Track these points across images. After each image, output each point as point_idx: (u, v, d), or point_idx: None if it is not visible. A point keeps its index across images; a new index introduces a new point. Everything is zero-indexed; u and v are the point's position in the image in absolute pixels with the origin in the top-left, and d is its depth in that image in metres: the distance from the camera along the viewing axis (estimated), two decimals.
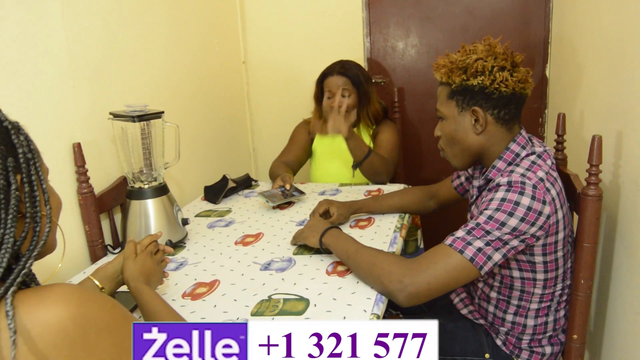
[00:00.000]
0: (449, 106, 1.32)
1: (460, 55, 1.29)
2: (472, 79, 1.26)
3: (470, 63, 1.26)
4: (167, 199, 1.58)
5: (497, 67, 1.25)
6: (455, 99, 1.31)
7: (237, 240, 1.63)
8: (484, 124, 1.29)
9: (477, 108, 1.28)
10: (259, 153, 2.97)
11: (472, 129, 1.31)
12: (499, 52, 1.27)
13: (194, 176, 2.26)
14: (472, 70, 1.26)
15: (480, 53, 1.27)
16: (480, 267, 1.16)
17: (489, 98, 1.27)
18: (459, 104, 1.30)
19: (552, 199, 1.20)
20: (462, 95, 1.29)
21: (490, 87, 1.25)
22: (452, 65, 1.29)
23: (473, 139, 1.32)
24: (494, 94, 1.26)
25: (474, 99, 1.28)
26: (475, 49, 1.29)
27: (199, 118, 2.34)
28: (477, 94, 1.27)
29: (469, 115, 1.30)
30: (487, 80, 1.25)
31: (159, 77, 1.98)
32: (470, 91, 1.28)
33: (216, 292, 1.28)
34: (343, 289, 1.25)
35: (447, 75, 1.30)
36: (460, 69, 1.28)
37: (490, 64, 1.25)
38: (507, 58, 1.26)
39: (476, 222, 1.19)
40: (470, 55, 1.28)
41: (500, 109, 1.28)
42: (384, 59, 2.68)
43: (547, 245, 1.25)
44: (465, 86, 1.28)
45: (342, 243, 1.37)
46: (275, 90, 2.85)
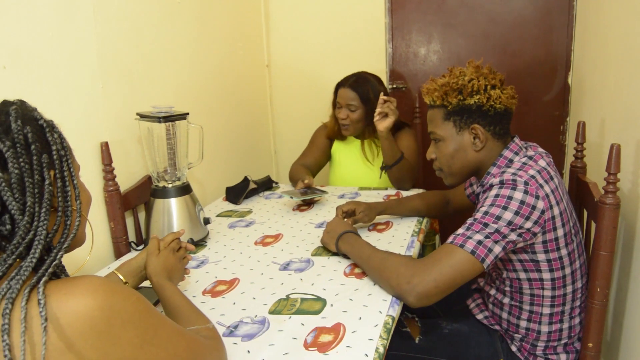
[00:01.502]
0: (446, 127, 1.37)
1: (452, 78, 1.35)
2: (468, 99, 1.32)
3: (465, 84, 1.32)
4: (189, 198, 1.62)
5: (489, 86, 1.32)
6: (453, 120, 1.36)
7: (257, 240, 1.66)
8: (484, 140, 1.34)
9: (476, 125, 1.33)
10: (280, 155, 3.01)
11: (472, 147, 1.36)
12: (486, 73, 1.34)
13: (216, 177, 2.30)
14: (467, 90, 1.32)
15: (470, 74, 1.33)
16: (482, 259, 1.18)
17: (485, 115, 1.33)
18: (456, 124, 1.36)
19: (545, 195, 1.23)
20: (460, 115, 1.35)
21: (487, 105, 1.31)
22: (447, 87, 1.34)
23: (472, 156, 1.37)
24: (490, 111, 1.32)
25: (472, 117, 1.34)
26: (465, 71, 1.35)
27: (223, 120, 2.39)
28: (475, 113, 1.33)
29: (468, 133, 1.35)
30: (483, 98, 1.31)
31: (185, 80, 2.03)
32: (468, 110, 1.33)
33: (235, 290, 1.31)
34: (360, 291, 1.27)
35: (441, 98, 1.36)
36: (455, 90, 1.33)
37: (483, 83, 1.32)
38: (495, 77, 1.33)
39: (474, 218, 1.24)
40: (461, 76, 1.34)
41: (496, 125, 1.34)
42: (406, 64, 2.70)
43: (548, 242, 1.27)
44: (462, 106, 1.33)
45: (357, 248, 1.39)
46: (297, 94, 2.89)
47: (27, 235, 0.71)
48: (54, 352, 0.65)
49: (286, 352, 1.03)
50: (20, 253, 0.70)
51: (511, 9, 2.52)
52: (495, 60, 2.53)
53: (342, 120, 2.17)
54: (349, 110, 2.15)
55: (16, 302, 0.66)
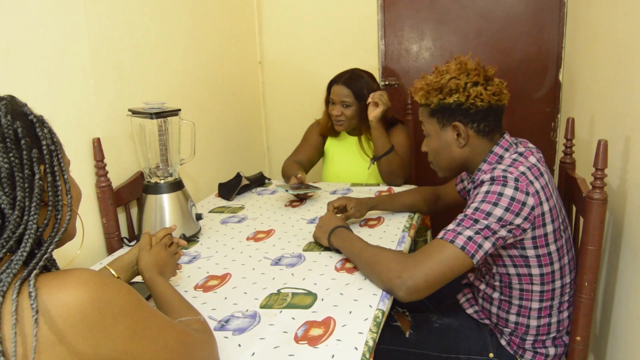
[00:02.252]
0: (431, 124, 1.40)
1: (435, 77, 1.37)
2: (448, 98, 1.34)
3: (445, 83, 1.34)
4: (182, 194, 1.62)
5: (470, 83, 1.33)
6: (436, 117, 1.38)
7: (249, 236, 1.67)
8: (466, 138, 1.36)
9: (457, 123, 1.35)
10: (273, 152, 3.01)
11: (456, 143, 1.38)
12: (470, 69, 1.35)
13: (209, 173, 2.31)
14: (446, 89, 1.34)
15: (453, 72, 1.35)
16: (472, 255, 1.20)
17: (467, 113, 1.34)
18: (439, 122, 1.38)
19: (535, 191, 1.24)
20: (441, 113, 1.37)
21: (467, 103, 1.33)
22: (429, 87, 1.37)
23: (457, 152, 1.39)
24: (471, 109, 1.33)
25: (453, 115, 1.35)
26: (449, 69, 1.37)
27: (215, 116, 2.39)
28: (455, 111, 1.35)
29: (451, 130, 1.37)
30: (462, 96, 1.32)
31: (177, 76, 2.04)
32: (448, 109, 1.35)
33: (227, 285, 1.32)
34: (350, 285, 1.28)
35: (425, 97, 1.38)
36: (436, 90, 1.35)
37: (464, 81, 1.33)
38: (480, 73, 1.34)
39: (464, 214, 1.25)
40: (444, 75, 1.35)
41: (480, 122, 1.35)
42: (398, 61, 2.71)
43: (537, 238, 1.28)
44: (443, 105, 1.35)
45: (349, 243, 1.41)
46: (290, 91, 2.90)
47: (17, 229, 0.71)
48: (45, 343, 0.65)
49: (277, 346, 1.04)
50: (10, 247, 0.71)
51: (503, 7, 2.54)
52: (486, 57, 2.55)
53: (337, 117, 2.18)
54: (343, 107, 2.16)
55: (7, 295, 0.66)
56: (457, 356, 1.42)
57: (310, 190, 1.98)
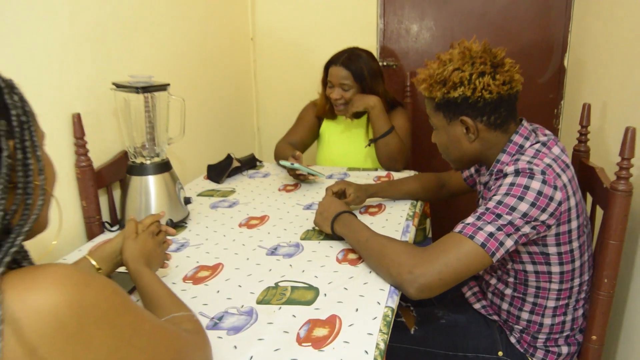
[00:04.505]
0: (438, 117, 1.29)
1: (437, 67, 1.24)
2: (452, 92, 1.21)
3: (447, 75, 1.21)
4: (169, 176, 1.50)
5: (475, 74, 1.19)
6: (442, 112, 1.27)
7: (242, 222, 1.55)
8: (475, 132, 1.25)
9: (465, 118, 1.23)
10: (264, 133, 2.89)
11: (465, 138, 1.27)
12: (475, 56, 1.21)
13: (197, 154, 2.18)
14: (450, 83, 1.21)
15: (456, 62, 1.22)
16: (492, 253, 1.10)
17: (474, 107, 1.22)
18: (446, 116, 1.26)
19: (563, 185, 1.15)
20: (447, 107, 1.25)
21: (473, 97, 1.20)
22: (431, 80, 1.24)
23: (468, 147, 1.28)
24: (479, 102, 1.21)
25: (459, 109, 1.24)
26: (452, 57, 1.23)
27: (204, 94, 2.26)
28: (462, 105, 1.23)
29: (459, 125, 1.26)
30: (468, 90, 1.20)
31: (165, 49, 1.90)
32: (454, 103, 1.23)
33: (219, 277, 1.21)
34: (355, 279, 1.18)
35: (428, 90, 1.26)
36: (439, 83, 1.23)
37: (468, 72, 1.20)
38: (486, 60, 1.20)
39: (486, 207, 1.15)
40: (446, 66, 1.23)
41: (490, 115, 1.23)
42: (397, 41, 2.59)
43: (561, 234, 1.19)
44: (447, 99, 1.23)
45: (353, 231, 1.30)
46: (283, 69, 2.76)
47: None
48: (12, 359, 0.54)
49: (277, 348, 0.93)
50: None
51: None
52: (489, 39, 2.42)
53: (336, 101, 2.06)
54: (343, 89, 2.04)
55: None
56: (465, 354, 1.34)
57: (317, 173, 1.87)
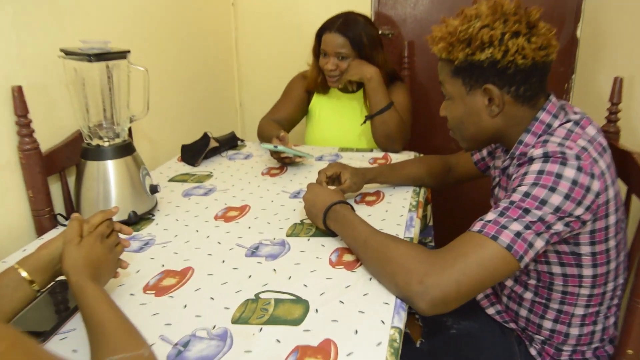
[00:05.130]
0: (454, 85, 1.06)
1: (461, 23, 1.01)
2: (478, 53, 0.99)
3: (474, 33, 0.99)
4: (132, 160, 1.27)
5: (508, 34, 0.97)
6: (462, 77, 1.04)
7: (218, 214, 1.34)
8: (500, 105, 1.03)
9: (490, 86, 1.02)
10: (247, 109, 2.66)
11: (486, 111, 1.05)
12: (509, 12, 0.99)
13: (170, 132, 1.95)
14: (477, 42, 0.99)
15: (485, 18, 0.99)
16: (520, 257, 0.90)
17: (502, 74, 1.00)
18: (466, 83, 1.04)
19: (601, 173, 0.95)
20: (469, 72, 1.03)
21: (503, 61, 0.99)
22: (452, 38, 1.01)
23: (488, 123, 1.07)
24: (509, 69, 0.99)
25: (484, 76, 1.02)
26: (479, 12, 1.01)
27: (177, 64, 2.01)
28: (488, 71, 1.01)
29: (480, 94, 1.04)
30: (498, 52, 0.98)
31: (128, 9, 1.64)
32: (479, 67, 1.01)
33: (188, 286, 1.00)
34: (352, 288, 0.98)
35: (446, 50, 1.03)
36: (462, 42, 1.00)
37: (500, 30, 0.98)
38: (521, 18, 0.99)
39: (510, 200, 0.94)
40: (472, 22, 1.00)
41: (519, 86, 1.02)
42: (394, 7, 2.34)
43: (596, 231, 1.00)
44: (471, 62, 1.01)
45: (349, 227, 1.09)
46: (269, 37, 2.52)
47: None
48: None
49: None
50: None
51: None
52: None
53: (331, 72, 1.83)
54: (338, 59, 1.81)
55: None
56: None
57: (303, 154, 1.65)
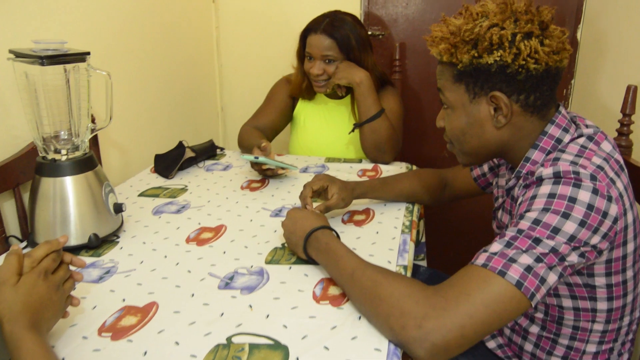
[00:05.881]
0: (456, 92, 0.95)
1: (465, 22, 0.90)
2: (486, 56, 0.88)
3: (482, 33, 0.88)
4: (93, 176, 1.14)
5: (520, 35, 0.87)
6: (465, 83, 0.93)
7: (190, 235, 1.20)
8: (508, 115, 0.92)
9: (497, 94, 0.91)
10: (229, 114, 2.53)
11: (492, 121, 0.94)
12: (519, 11, 0.89)
13: (143, 141, 1.81)
14: (485, 43, 0.88)
15: (493, 16, 0.89)
16: (531, 295, 0.79)
17: (512, 80, 0.89)
18: (469, 89, 0.93)
19: (619, 195, 0.85)
20: (474, 77, 0.91)
21: (514, 65, 0.88)
22: (455, 39, 0.90)
23: (492, 135, 0.95)
24: (520, 74, 0.89)
25: (491, 81, 0.90)
26: (486, 11, 0.90)
27: (151, 66, 1.87)
28: (495, 76, 0.90)
29: (485, 102, 0.93)
30: (508, 55, 0.87)
31: (89, 5, 1.49)
32: (485, 72, 0.90)
33: (150, 327, 0.86)
34: (339, 330, 0.85)
35: (448, 53, 0.92)
36: (467, 43, 0.89)
37: (510, 31, 0.87)
38: (533, 18, 0.88)
39: (517, 229, 0.83)
40: (479, 20, 0.89)
41: (529, 94, 0.91)
42: (384, 6, 2.22)
43: (613, 261, 0.90)
44: (477, 66, 0.90)
45: (334, 259, 0.96)
46: (253, 37, 2.39)
47: None
48: None
49: None
50: None
51: None
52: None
53: (317, 77, 1.71)
54: (325, 62, 1.68)
55: None
56: None
57: (287, 165, 1.52)
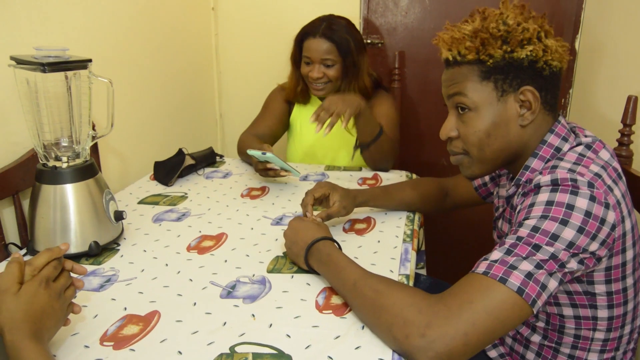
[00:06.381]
0: (482, 90, 0.93)
1: (489, 21, 0.91)
2: (519, 50, 0.89)
3: (513, 29, 0.89)
4: (94, 184, 1.13)
5: (544, 33, 0.90)
6: (494, 80, 0.92)
7: (191, 244, 1.20)
8: (535, 111, 0.92)
9: (529, 88, 0.91)
10: (227, 121, 2.52)
11: (517, 120, 0.93)
12: (535, 15, 0.92)
13: (143, 147, 1.80)
14: (517, 37, 0.89)
15: (514, 16, 0.91)
16: (532, 301, 0.79)
17: (539, 76, 0.91)
18: (498, 87, 0.92)
19: (616, 202, 0.86)
20: (505, 73, 0.91)
21: (542, 60, 0.89)
22: (485, 35, 0.90)
23: (516, 135, 0.95)
24: (544, 70, 0.91)
25: (521, 77, 0.91)
26: (504, 12, 0.92)
27: (151, 72, 1.87)
28: (526, 71, 0.90)
29: (512, 100, 0.92)
30: (539, 49, 0.89)
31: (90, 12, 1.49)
32: (517, 67, 0.90)
33: (153, 336, 0.86)
34: (342, 340, 0.84)
35: (475, 50, 0.91)
36: (497, 38, 0.90)
37: (536, 28, 0.89)
38: (544, 23, 0.92)
39: (516, 236, 0.83)
40: (500, 19, 0.91)
41: (549, 91, 0.93)
42: (384, 15, 2.23)
43: (612, 269, 0.91)
44: (509, 61, 0.90)
45: (335, 269, 0.96)
46: (252, 44, 2.39)
47: None
48: None
49: None
50: None
51: None
52: None
53: (317, 80, 1.70)
54: (325, 65, 1.68)
55: None
56: None
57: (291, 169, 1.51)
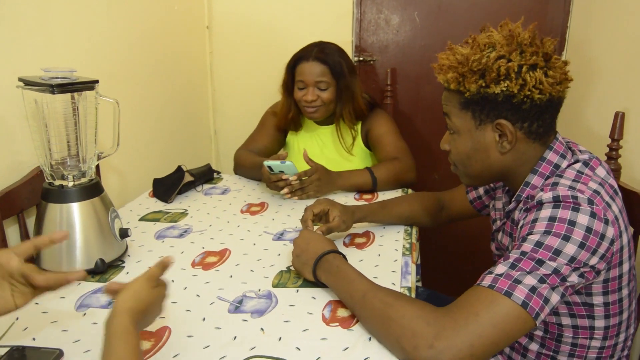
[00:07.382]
0: (463, 118, 0.99)
1: (473, 52, 0.94)
2: (493, 86, 0.92)
3: (490, 64, 0.92)
4: (99, 202, 1.15)
5: (526, 67, 0.91)
6: (471, 110, 0.97)
7: (196, 260, 1.22)
8: (513, 141, 0.96)
9: (503, 121, 0.95)
10: (221, 137, 2.53)
11: (497, 147, 0.98)
12: (524, 43, 0.93)
13: (140, 164, 1.82)
14: (492, 74, 0.92)
15: (500, 47, 0.93)
16: (536, 314, 0.82)
17: (517, 109, 0.94)
18: (476, 117, 0.97)
19: (615, 218, 0.89)
20: (481, 105, 0.96)
21: (520, 95, 0.92)
22: (464, 68, 0.94)
23: (496, 160, 1.00)
24: (524, 103, 0.93)
25: (497, 110, 0.95)
26: (492, 42, 0.94)
27: (148, 91, 1.89)
28: (502, 105, 0.94)
29: (491, 129, 0.97)
30: (515, 86, 0.91)
31: (95, 35, 1.52)
32: (492, 101, 0.94)
33: (165, 351, 0.87)
34: (351, 352, 0.87)
35: (456, 81, 0.95)
36: (475, 73, 0.93)
37: (517, 62, 0.91)
38: (538, 50, 0.93)
39: (520, 251, 0.87)
40: (486, 51, 0.94)
41: (533, 122, 0.95)
42: (375, 33, 2.28)
43: (610, 281, 0.94)
44: (484, 95, 0.94)
45: (344, 281, 0.99)
46: (246, 62, 2.41)
47: None
48: None
49: None
50: None
51: None
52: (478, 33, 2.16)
53: (311, 103, 1.72)
54: (319, 89, 1.71)
55: None
56: None
57: None
